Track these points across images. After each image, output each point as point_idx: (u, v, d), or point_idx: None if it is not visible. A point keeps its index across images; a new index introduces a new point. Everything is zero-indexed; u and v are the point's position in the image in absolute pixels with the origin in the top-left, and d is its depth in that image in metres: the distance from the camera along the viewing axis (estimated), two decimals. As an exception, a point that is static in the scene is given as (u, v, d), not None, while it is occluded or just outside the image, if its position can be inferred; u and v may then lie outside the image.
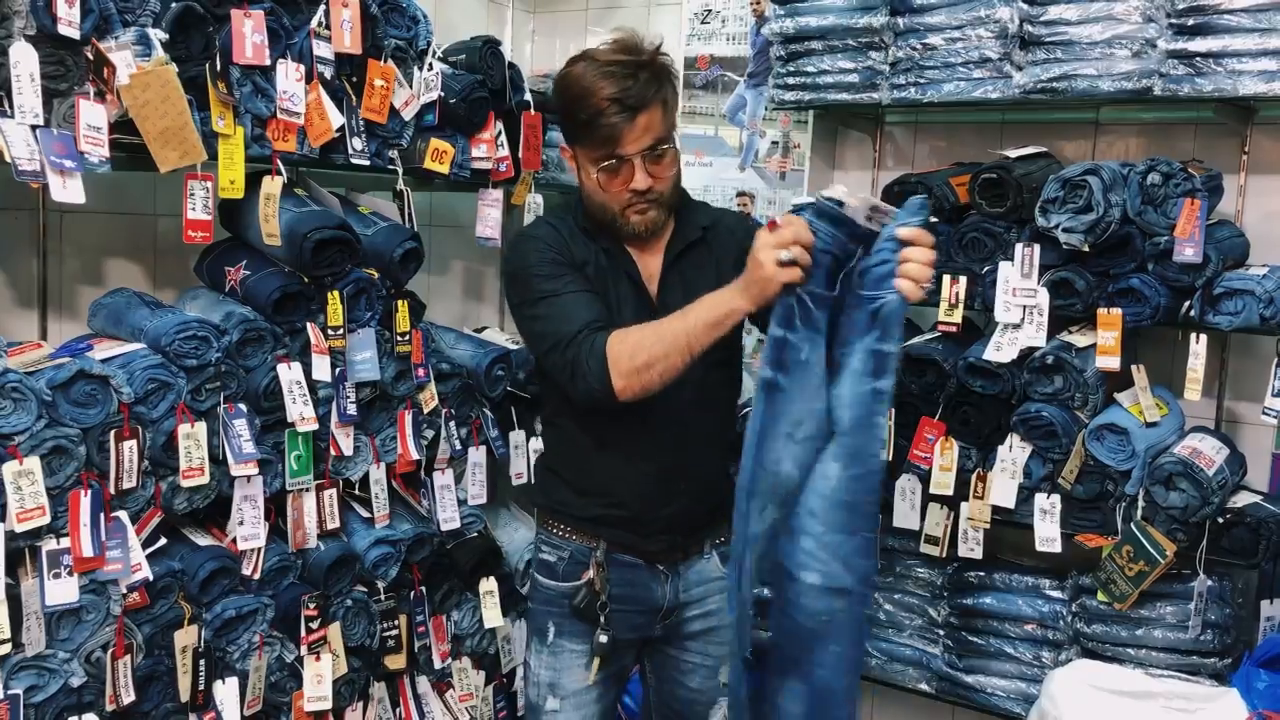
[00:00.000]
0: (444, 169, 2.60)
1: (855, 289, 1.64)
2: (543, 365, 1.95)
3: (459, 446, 2.72)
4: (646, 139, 1.85)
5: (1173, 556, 2.30)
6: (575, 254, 1.95)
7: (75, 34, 1.82)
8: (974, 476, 2.54)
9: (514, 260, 2.00)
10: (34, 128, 1.79)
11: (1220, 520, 2.32)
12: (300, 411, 2.23)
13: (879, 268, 1.60)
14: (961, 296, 2.50)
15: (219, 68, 2.06)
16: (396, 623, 2.57)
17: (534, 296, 1.91)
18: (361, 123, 2.37)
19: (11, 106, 1.77)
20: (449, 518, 2.67)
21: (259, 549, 2.23)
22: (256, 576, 2.24)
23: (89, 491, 1.91)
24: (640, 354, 1.76)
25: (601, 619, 2.00)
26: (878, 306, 1.60)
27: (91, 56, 1.85)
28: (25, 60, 1.77)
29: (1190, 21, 2.25)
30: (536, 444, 2.94)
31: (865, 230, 1.63)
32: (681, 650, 2.11)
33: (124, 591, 2.00)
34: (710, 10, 3.21)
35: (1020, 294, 2.39)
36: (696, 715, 2.13)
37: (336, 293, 2.29)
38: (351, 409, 2.37)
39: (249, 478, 2.19)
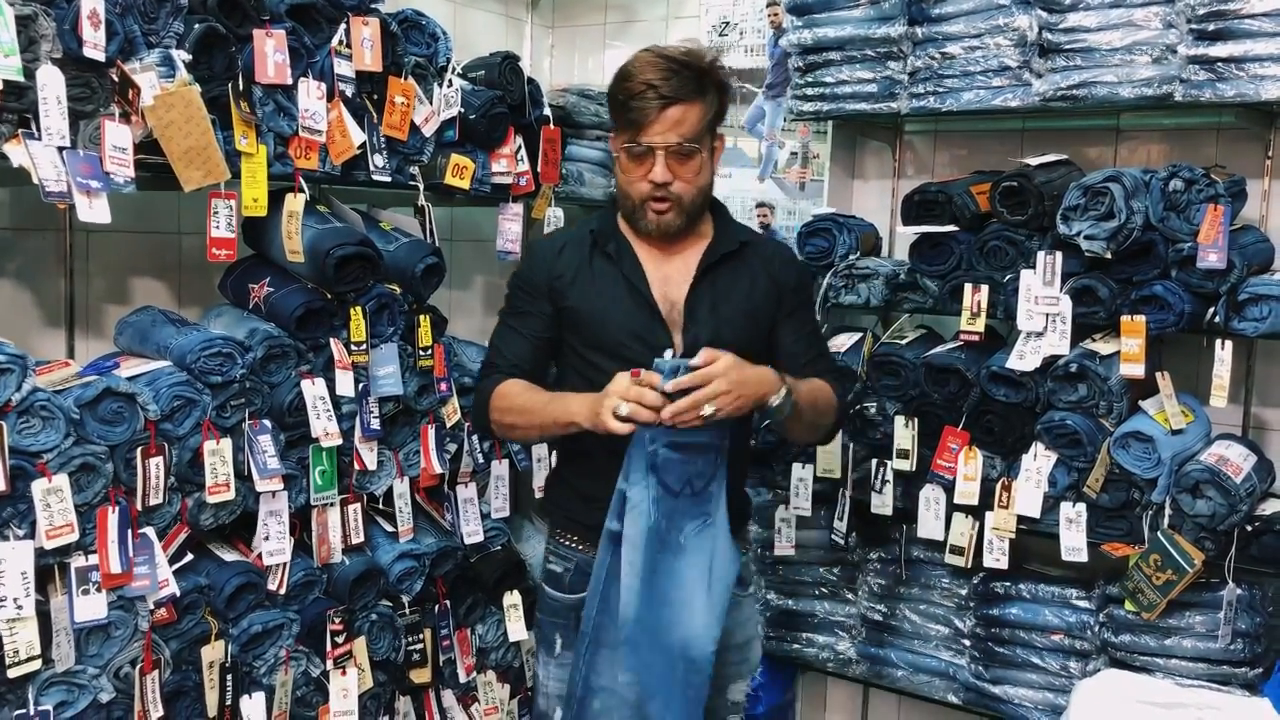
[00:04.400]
0: (464, 184, 2.61)
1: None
2: None
3: (482, 460, 2.72)
4: (673, 135, 1.84)
5: (1201, 565, 2.28)
6: (556, 268, 1.96)
7: (100, 56, 1.84)
8: (999, 486, 2.53)
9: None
10: (61, 149, 1.81)
11: (1249, 528, 2.30)
12: (324, 427, 2.25)
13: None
14: (983, 305, 2.49)
15: (241, 87, 2.08)
16: (421, 636, 2.58)
17: (499, 317, 2.06)
18: (383, 139, 2.39)
19: (39, 129, 1.79)
20: (472, 531, 2.68)
21: (284, 564, 2.25)
22: (282, 591, 2.25)
23: (116, 508, 1.93)
24: (509, 415, 1.92)
25: None
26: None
27: (116, 78, 1.88)
28: (52, 83, 1.79)
29: (1211, 27, 2.24)
30: (559, 457, 2.94)
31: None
32: None
33: (151, 607, 2.01)
34: (728, 23, 3.22)
35: (1043, 302, 2.38)
36: None
37: (359, 308, 2.31)
38: (375, 424, 2.38)
39: (274, 493, 2.20)
